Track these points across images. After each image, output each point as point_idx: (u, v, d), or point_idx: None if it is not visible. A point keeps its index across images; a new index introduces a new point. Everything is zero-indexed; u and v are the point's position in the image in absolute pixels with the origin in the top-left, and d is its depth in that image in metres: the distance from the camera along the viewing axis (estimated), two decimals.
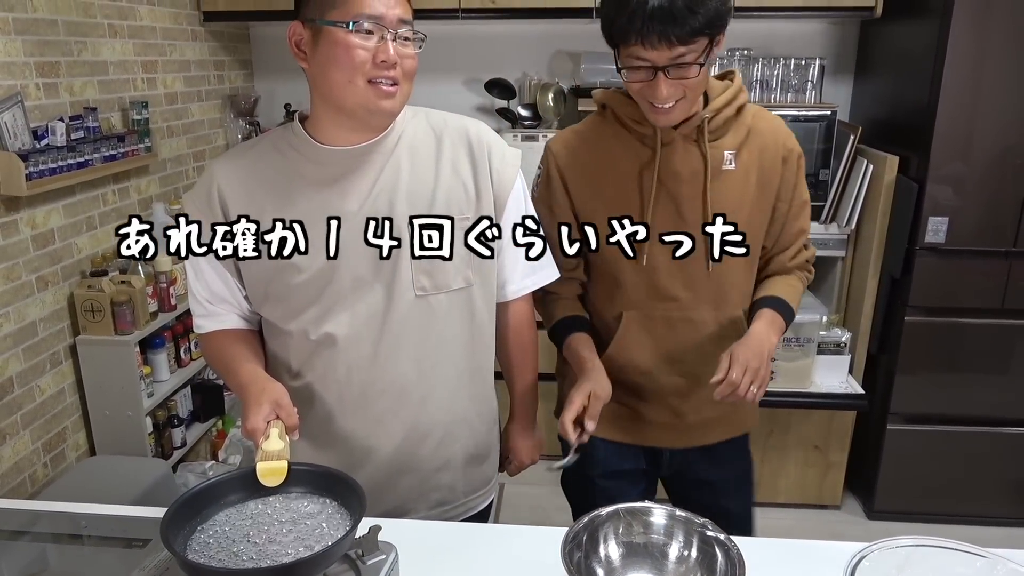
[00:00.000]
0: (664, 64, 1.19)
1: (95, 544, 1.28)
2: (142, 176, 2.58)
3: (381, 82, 1.12)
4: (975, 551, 0.95)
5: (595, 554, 1.03)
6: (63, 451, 2.25)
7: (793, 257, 1.46)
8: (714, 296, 1.40)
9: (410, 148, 1.23)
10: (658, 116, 1.27)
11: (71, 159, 2.11)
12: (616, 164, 1.38)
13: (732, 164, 1.35)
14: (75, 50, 2.22)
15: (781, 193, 1.40)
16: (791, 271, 1.47)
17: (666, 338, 1.43)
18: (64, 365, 2.24)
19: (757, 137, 1.36)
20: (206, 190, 1.22)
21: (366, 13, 1.10)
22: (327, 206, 1.19)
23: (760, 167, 1.37)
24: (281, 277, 1.21)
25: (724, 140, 1.35)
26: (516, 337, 1.42)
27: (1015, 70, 2.32)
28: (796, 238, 1.45)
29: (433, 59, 3.23)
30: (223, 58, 3.10)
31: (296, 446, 1.26)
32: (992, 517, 2.72)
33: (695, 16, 1.15)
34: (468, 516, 1.40)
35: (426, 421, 1.28)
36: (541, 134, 2.87)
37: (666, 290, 1.40)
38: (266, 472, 1.03)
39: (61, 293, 2.21)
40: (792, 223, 1.44)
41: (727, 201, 1.35)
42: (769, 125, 1.38)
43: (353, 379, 1.24)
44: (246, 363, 1.20)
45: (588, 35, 3.11)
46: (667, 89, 1.21)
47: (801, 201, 1.43)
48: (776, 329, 1.36)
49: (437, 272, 1.22)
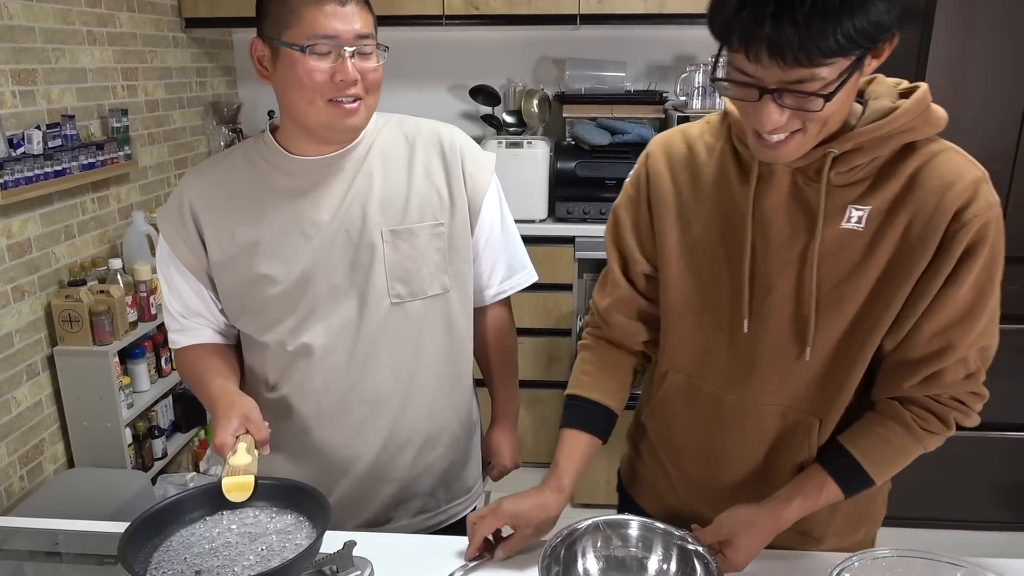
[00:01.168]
0: (774, 87, 0.83)
1: (71, 561, 1.26)
2: (122, 184, 2.55)
3: (342, 100, 1.11)
4: (955, 561, 0.95)
5: (573, 568, 1.02)
6: (40, 463, 2.21)
7: (918, 383, 0.99)
8: (785, 389, 1.05)
9: (382, 156, 1.22)
10: (762, 149, 0.91)
11: (48, 167, 2.09)
12: (715, 190, 1.04)
13: (860, 223, 0.95)
14: (52, 57, 2.20)
15: (923, 281, 0.94)
16: (907, 405, 1.02)
17: (707, 418, 1.12)
18: (41, 376, 2.21)
19: (916, 191, 0.93)
20: (177, 206, 1.21)
21: (320, 33, 1.07)
22: (300, 217, 1.18)
23: (903, 238, 0.94)
24: (255, 289, 1.19)
25: (855, 188, 0.95)
26: (496, 342, 1.41)
27: (997, 75, 2.33)
28: (929, 353, 0.97)
29: (417, 66, 3.24)
30: (205, 65, 3.08)
31: (275, 457, 1.25)
32: (981, 522, 2.73)
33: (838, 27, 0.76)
34: (450, 524, 1.38)
35: (405, 429, 1.27)
36: (526, 141, 2.87)
37: (724, 364, 1.08)
38: (232, 487, 1.01)
39: (38, 303, 2.18)
40: (924, 326, 0.96)
41: (833, 272, 0.97)
42: (944, 176, 0.92)
43: (331, 388, 1.22)
44: (217, 377, 1.19)
45: (573, 41, 3.12)
46: (777, 117, 0.86)
47: (957, 304, 0.94)
48: (806, 496, 1.02)
49: (412, 279, 1.21)
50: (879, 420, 1.03)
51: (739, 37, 0.80)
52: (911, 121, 0.92)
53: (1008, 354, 2.54)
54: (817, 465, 1.04)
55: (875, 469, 1.01)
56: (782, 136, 0.89)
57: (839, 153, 0.93)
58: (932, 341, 0.97)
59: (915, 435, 1.01)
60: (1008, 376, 2.59)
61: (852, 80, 0.84)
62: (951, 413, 1.00)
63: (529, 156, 2.84)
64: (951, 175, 0.92)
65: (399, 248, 1.20)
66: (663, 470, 1.22)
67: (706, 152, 1.07)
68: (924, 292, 0.95)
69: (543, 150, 2.86)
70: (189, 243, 1.20)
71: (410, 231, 1.20)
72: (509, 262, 1.36)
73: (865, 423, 1.04)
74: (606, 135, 2.82)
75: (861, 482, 1.01)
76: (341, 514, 1.28)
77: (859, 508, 1.11)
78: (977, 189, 0.92)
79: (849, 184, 0.95)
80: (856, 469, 1.01)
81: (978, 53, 2.32)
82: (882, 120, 0.91)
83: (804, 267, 0.98)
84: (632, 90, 3.05)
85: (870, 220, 0.95)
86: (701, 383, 1.11)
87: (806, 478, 1.03)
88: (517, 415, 1.49)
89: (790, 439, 1.07)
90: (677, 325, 1.11)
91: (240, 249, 1.19)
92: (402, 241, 1.20)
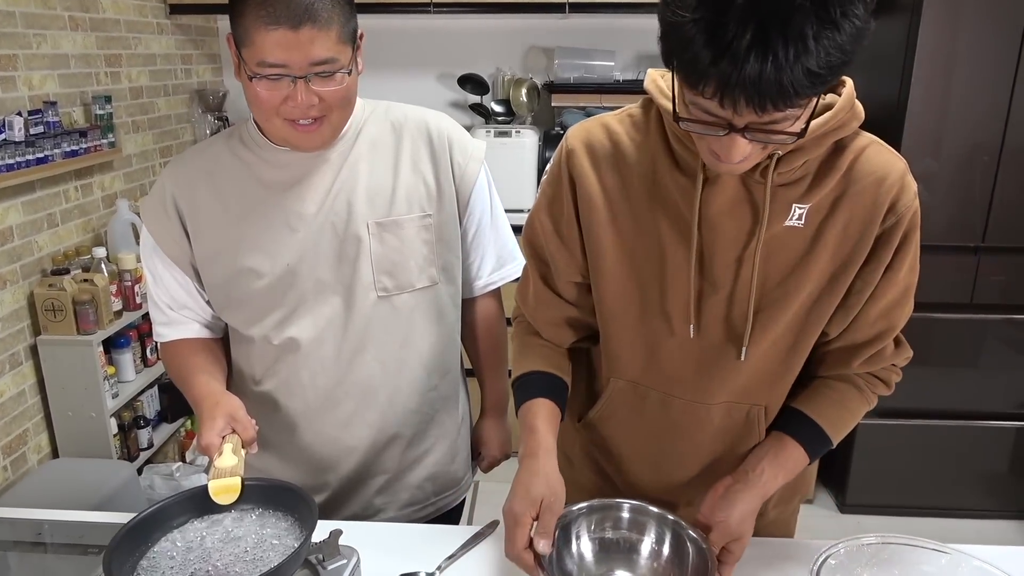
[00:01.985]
0: (744, 126, 0.80)
1: (55, 551, 1.25)
2: (106, 172, 2.52)
3: (299, 121, 1.09)
4: (940, 548, 0.95)
5: (567, 550, 1.02)
6: (24, 454, 2.19)
7: (864, 361, 1.04)
8: (733, 386, 1.05)
9: (369, 146, 1.20)
10: (720, 165, 0.88)
11: (30, 154, 2.06)
12: (648, 190, 1.00)
13: (800, 220, 0.95)
14: (34, 42, 2.16)
15: (865, 271, 0.98)
16: (853, 379, 1.06)
17: (656, 422, 1.11)
18: (25, 366, 2.18)
19: (852, 187, 0.95)
20: (160, 197, 1.19)
21: (269, 61, 1.02)
22: (285, 210, 1.16)
23: (843, 232, 0.96)
24: (240, 283, 1.18)
25: (797, 186, 0.95)
26: (485, 333, 1.40)
27: (984, 67, 2.33)
28: (873, 335, 1.02)
29: (405, 54, 3.21)
30: (190, 52, 3.05)
31: (262, 452, 1.24)
32: (962, 510, 2.76)
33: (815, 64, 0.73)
34: (439, 516, 1.38)
35: (394, 422, 1.26)
36: (514, 130, 2.86)
37: (670, 368, 1.06)
38: (219, 489, 1.00)
39: (20, 292, 2.16)
40: (869, 311, 1.00)
41: (777, 269, 0.98)
42: (875, 172, 0.95)
43: (318, 383, 1.21)
44: (201, 375, 1.17)
45: (561, 30, 3.11)
46: (746, 149, 0.84)
47: (897, 287, 0.99)
48: (787, 472, 1.03)
49: (399, 272, 1.20)
50: (833, 385, 1.07)
51: (715, 86, 0.75)
52: (843, 117, 0.91)
53: (992, 344, 2.59)
54: (781, 434, 1.05)
55: (835, 433, 1.05)
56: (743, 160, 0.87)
57: (783, 155, 0.91)
58: (876, 324, 1.01)
59: (866, 398, 1.07)
60: (991, 366, 2.62)
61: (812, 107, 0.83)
62: (892, 376, 1.08)
63: (517, 145, 2.83)
64: (881, 169, 0.95)
65: (385, 240, 1.18)
66: (604, 477, 1.20)
67: (633, 149, 1.01)
68: (867, 281, 0.98)
69: (531, 139, 2.85)
70: (173, 234, 1.18)
71: (396, 223, 1.19)
72: (499, 253, 1.34)
73: (820, 389, 1.07)
74: None
75: (824, 446, 1.06)
76: (329, 508, 1.28)
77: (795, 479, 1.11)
78: (904, 180, 0.96)
79: (789, 183, 0.95)
80: (819, 434, 1.05)
81: (965, 46, 2.32)
82: (821, 118, 0.89)
83: (746, 267, 0.98)
84: (621, 80, 3.05)
85: (809, 217, 0.96)
86: (647, 388, 1.09)
87: (775, 449, 1.04)
88: (507, 406, 1.49)
89: (737, 430, 1.09)
90: (618, 330, 1.08)
91: (224, 242, 1.17)
92: (388, 233, 1.18)
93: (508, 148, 2.82)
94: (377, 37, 3.19)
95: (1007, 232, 2.49)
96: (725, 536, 0.98)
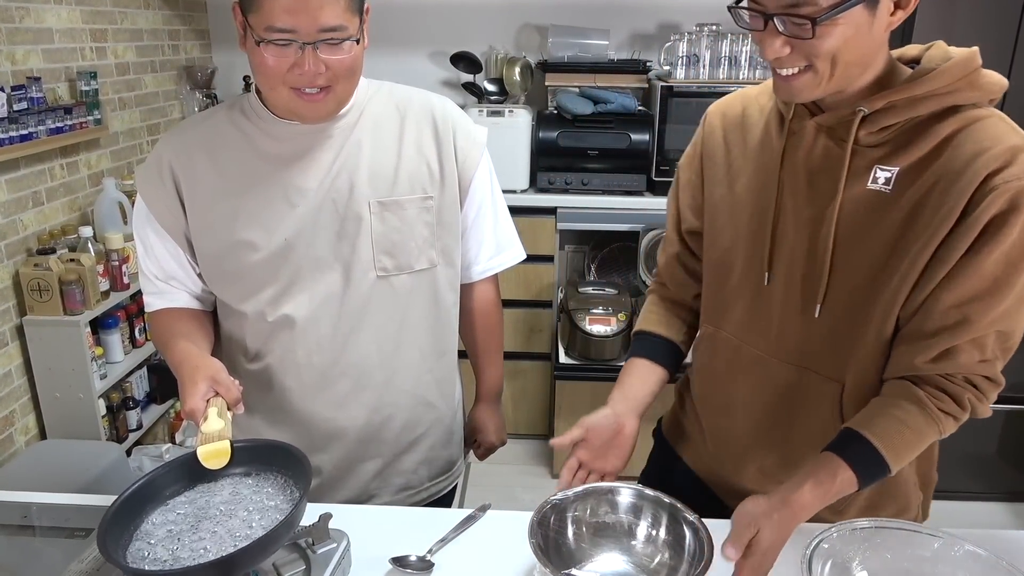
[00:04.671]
0: (774, 11, 0.87)
1: (43, 534, 1.24)
2: (92, 150, 2.48)
3: (306, 90, 1.07)
4: (932, 532, 0.95)
5: (564, 534, 1.02)
6: (11, 435, 2.17)
7: (930, 360, 0.94)
8: (802, 346, 1.03)
9: (373, 125, 1.18)
10: (779, 84, 0.94)
11: (13, 131, 2.02)
12: (759, 147, 1.06)
13: (887, 185, 0.93)
14: (16, 16, 2.11)
15: (943, 249, 0.90)
16: (921, 384, 0.96)
17: (727, 369, 1.14)
18: (11, 346, 2.16)
19: (946, 153, 0.90)
20: (156, 165, 1.17)
21: (277, 26, 1.00)
22: (285, 184, 1.15)
23: (932, 203, 0.90)
24: (236, 255, 1.16)
25: (886, 148, 0.93)
26: (482, 319, 1.39)
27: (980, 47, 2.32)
28: (943, 326, 0.92)
29: (398, 32, 3.17)
30: (178, 27, 2.99)
31: (255, 430, 1.23)
32: (952, 492, 2.78)
33: None
34: (432, 500, 1.38)
35: (389, 404, 1.25)
36: (507, 109, 2.82)
37: (746, 316, 1.09)
38: (208, 455, 0.98)
39: (6, 272, 2.12)
40: (942, 297, 0.91)
41: (857, 232, 0.95)
42: (979, 142, 0.88)
43: (313, 362, 1.20)
44: (182, 340, 1.14)
45: (555, 8, 3.07)
46: (778, 45, 0.89)
47: (980, 277, 0.89)
48: (831, 496, 0.93)
49: (399, 252, 1.19)
50: (891, 401, 0.96)
51: None
52: (952, 83, 0.89)
53: None
54: (828, 452, 0.95)
55: (891, 453, 0.92)
56: (793, 70, 0.91)
57: (869, 112, 0.92)
58: (948, 314, 0.92)
59: (930, 415, 0.94)
60: None
61: (858, 15, 0.85)
62: (965, 394, 0.94)
63: (511, 125, 2.80)
64: (988, 140, 0.88)
65: (387, 220, 1.17)
66: (698, 423, 1.23)
67: (758, 112, 1.09)
68: (944, 259, 0.90)
69: (525, 119, 2.83)
70: (168, 203, 1.16)
71: (398, 203, 1.17)
72: (498, 239, 1.33)
73: (875, 406, 0.97)
74: (589, 104, 2.79)
75: (877, 469, 0.93)
76: (323, 492, 1.27)
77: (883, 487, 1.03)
78: (1015, 155, 0.87)
79: (878, 144, 0.94)
80: (870, 453, 0.92)
81: (962, 24, 2.31)
82: (919, 80, 0.89)
83: (822, 226, 0.97)
84: (615, 59, 3.02)
85: (898, 182, 0.92)
86: (725, 334, 1.13)
87: (818, 463, 0.95)
88: (501, 392, 1.48)
89: (806, 398, 1.05)
90: (711, 278, 1.14)
91: (221, 213, 1.15)
92: (390, 213, 1.17)
93: (501, 128, 2.79)
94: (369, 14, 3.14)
95: None
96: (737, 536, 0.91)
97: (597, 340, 2.67)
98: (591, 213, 2.84)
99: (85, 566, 1.01)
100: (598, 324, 2.67)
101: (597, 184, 2.84)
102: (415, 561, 1.05)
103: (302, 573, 0.96)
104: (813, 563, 0.90)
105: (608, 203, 2.83)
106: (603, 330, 2.66)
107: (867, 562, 0.94)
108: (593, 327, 2.66)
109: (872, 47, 0.91)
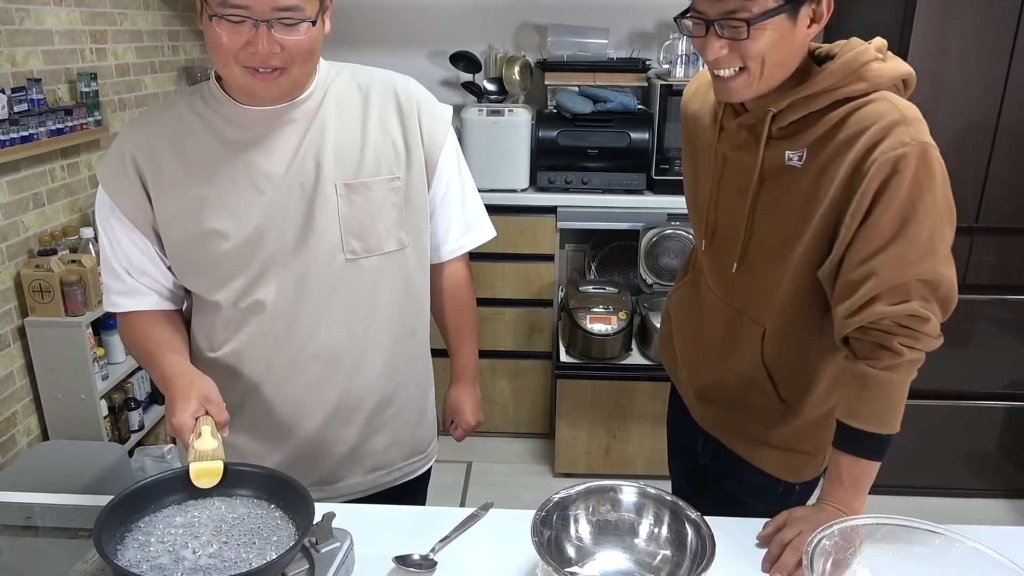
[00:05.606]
0: (714, 17, 1.01)
1: (46, 535, 1.24)
2: (93, 151, 2.48)
3: (259, 69, 1.06)
4: (933, 529, 0.95)
5: (565, 533, 1.02)
6: (13, 436, 2.18)
7: (852, 313, 1.05)
8: (733, 293, 1.25)
9: (336, 106, 1.18)
10: (718, 87, 1.09)
11: (14, 133, 2.02)
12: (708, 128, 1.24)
13: (799, 161, 1.08)
14: (16, 18, 2.12)
15: (845, 217, 1.04)
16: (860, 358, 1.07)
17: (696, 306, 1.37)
18: (12, 348, 2.16)
19: (843, 134, 1.04)
20: (119, 158, 1.15)
21: (230, 2, 0.99)
22: (251, 170, 1.14)
23: (832, 176, 1.05)
24: (205, 245, 1.15)
25: (795, 140, 1.09)
26: (453, 299, 1.39)
27: (978, 47, 2.32)
28: (855, 281, 1.04)
29: (397, 31, 3.17)
30: (177, 28, 2.99)
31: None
32: (953, 489, 2.78)
33: None
34: (405, 482, 1.37)
35: (360, 386, 1.25)
36: (507, 108, 2.82)
37: (705, 269, 1.33)
38: (200, 473, 0.98)
39: (7, 273, 2.13)
40: (851, 257, 1.05)
41: (774, 204, 1.13)
42: (866, 120, 1.02)
43: (283, 346, 1.20)
44: (169, 353, 1.14)
45: (554, 7, 3.07)
46: (717, 47, 1.02)
47: (879, 235, 1.02)
48: (863, 488, 1.09)
49: (367, 234, 1.19)
50: (847, 384, 1.10)
51: None
52: (840, 80, 1.03)
53: (984, 324, 2.59)
54: (836, 451, 1.10)
55: (879, 422, 1.07)
56: (731, 72, 1.04)
57: (777, 112, 1.08)
58: (857, 270, 1.04)
59: (878, 377, 1.06)
60: (982, 346, 2.63)
61: (781, 23, 0.99)
62: (894, 339, 1.04)
63: (510, 124, 2.80)
64: (871, 118, 1.02)
65: (354, 202, 1.17)
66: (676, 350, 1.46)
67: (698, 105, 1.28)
68: (848, 225, 1.04)
69: (525, 118, 2.83)
70: (132, 195, 1.15)
71: (365, 185, 1.17)
72: (467, 218, 1.33)
73: (840, 396, 1.12)
74: (588, 103, 2.79)
75: (877, 442, 1.07)
76: (292, 472, 1.26)
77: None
78: (891, 129, 1.00)
79: (785, 137, 1.10)
80: (862, 435, 1.07)
81: (960, 25, 2.30)
82: (812, 80, 1.05)
83: (746, 199, 1.15)
84: (615, 57, 3.02)
85: (808, 159, 1.08)
86: (697, 278, 1.36)
87: (837, 466, 1.09)
88: (477, 373, 1.47)
89: (738, 336, 1.25)
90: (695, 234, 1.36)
91: (188, 203, 1.14)
92: (357, 195, 1.17)
93: (501, 127, 2.79)
94: (367, 13, 3.14)
95: (1000, 213, 2.49)
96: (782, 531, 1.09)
97: (598, 339, 2.67)
98: (591, 212, 2.84)
99: (89, 566, 1.02)
100: (599, 323, 2.67)
101: (597, 183, 2.85)
102: (418, 560, 1.05)
103: (306, 572, 0.96)
104: (815, 560, 0.90)
105: (608, 202, 2.83)
106: (604, 329, 2.66)
107: (869, 559, 0.94)
108: (594, 326, 2.66)
109: (792, 53, 1.05)
